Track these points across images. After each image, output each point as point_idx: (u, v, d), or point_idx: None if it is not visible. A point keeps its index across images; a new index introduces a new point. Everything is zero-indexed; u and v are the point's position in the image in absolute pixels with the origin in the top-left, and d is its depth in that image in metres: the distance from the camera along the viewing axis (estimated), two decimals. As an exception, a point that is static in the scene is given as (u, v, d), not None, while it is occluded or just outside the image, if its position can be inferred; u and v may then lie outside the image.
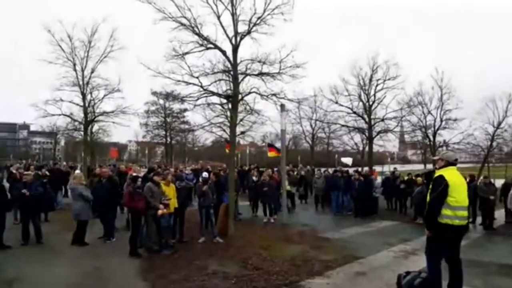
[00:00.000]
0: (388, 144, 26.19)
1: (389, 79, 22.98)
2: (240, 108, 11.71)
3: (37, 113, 18.61)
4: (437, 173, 5.26)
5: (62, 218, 11.71)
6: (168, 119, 37.54)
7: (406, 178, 15.76)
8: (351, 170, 18.73)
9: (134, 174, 9.67)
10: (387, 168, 32.41)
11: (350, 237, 10.37)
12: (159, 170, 11.02)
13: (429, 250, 5.32)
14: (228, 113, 11.72)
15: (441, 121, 24.43)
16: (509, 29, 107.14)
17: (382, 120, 23.43)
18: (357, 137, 27.46)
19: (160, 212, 8.12)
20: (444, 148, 25.18)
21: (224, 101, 11.49)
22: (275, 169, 16.79)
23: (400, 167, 25.22)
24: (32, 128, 70.76)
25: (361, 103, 23.94)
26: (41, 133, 64.62)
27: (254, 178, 14.23)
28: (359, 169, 25.54)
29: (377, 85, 23.53)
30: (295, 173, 18.93)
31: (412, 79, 23.69)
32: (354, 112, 24.08)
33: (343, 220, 13.43)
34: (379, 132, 23.58)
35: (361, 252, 8.37)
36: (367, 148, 25.36)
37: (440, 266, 5.24)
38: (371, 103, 23.51)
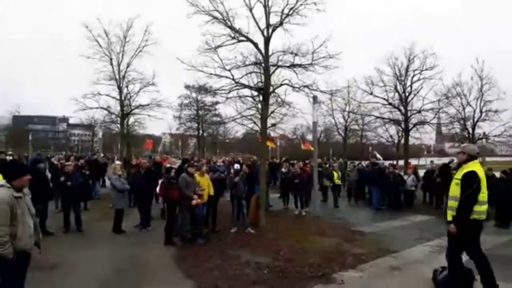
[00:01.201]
0: (425, 136, 25.14)
1: (426, 70, 22.03)
2: (271, 100, 11.69)
3: (76, 106, 19.37)
4: (466, 168, 5.05)
5: (100, 207, 12.27)
6: (201, 112, 37.95)
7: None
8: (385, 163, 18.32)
9: (168, 165, 9.90)
10: (424, 161, 31.44)
11: (384, 230, 10.15)
12: (193, 161, 11.25)
13: (454, 248, 5.13)
14: (259, 106, 11.70)
15: (481, 112, 23.18)
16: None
17: (419, 111, 22.56)
18: (392, 129, 26.57)
19: (194, 202, 8.29)
20: (484, 140, 24.05)
21: (255, 93, 11.49)
22: (307, 161, 16.67)
23: (437, 160, 24.36)
24: (71, 121, 74.07)
25: (397, 94, 23.14)
26: (80, 126, 67.43)
27: (284, 170, 14.18)
28: (394, 162, 24.92)
29: (413, 76, 22.64)
30: (327, 165, 18.68)
31: (450, 70, 22.44)
32: (390, 104, 23.34)
33: (377, 213, 13.17)
34: (415, 124, 22.74)
35: (395, 246, 8.19)
36: (402, 141, 24.59)
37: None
38: (407, 94, 22.68)
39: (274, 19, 10.10)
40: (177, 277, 6.18)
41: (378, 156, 24.70)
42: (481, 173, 4.96)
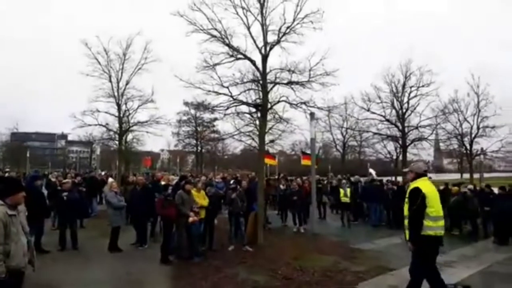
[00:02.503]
0: (423, 152, 25.31)
1: (422, 86, 22.40)
2: (269, 117, 11.76)
3: (75, 123, 19.42)
4: (412, 185, 5.18)
5: (97, 225, 12.14)
6: (199, 129, 38.19)
7: (442, 187, 15.18)
8: (384, 180, 18.26)
9: (164, 182, 9.86)
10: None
11: (383, 247, 10.07)
12: (191, 178, 11.21)
13: (420, 266, 5.10)
14: (257, 122, 11.77)
15: (478, 128, 23.44)
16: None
17: (416, 128, 22.80)
18: (390, 145, 26.76)
19: (190, 219, 8.22)
20: (482, 156, 24.10)
21: (253, 110, 11.55)
22: (304, 178, 16.63)
23: (435, 177, 24.39)
24: (70, 137, 73.88)
25: (394, 111, 23.44)
26: (78, 143, 67.25)
27: (282, 187, 14.13)
28: (392, 178, 24.88)
29: (410, 92, 23.00)
30: (325, 182, 18.63)
31: (447, 86, 22.78)
32: (387, 120, 23.58)
33: (376, 230, 13.07)
34: (413, 140, 22.93)
35: (394, 263, 8.10)
36: (400, 157, 24.67)
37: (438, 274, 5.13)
38: (404, 110, 22.96)
39: (271, 38, 10.28)
40: (173, 296, 6.09)
41: (372, 172, 24.57)
42: (427, 188, 5.03)
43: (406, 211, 5.13)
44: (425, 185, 5.06)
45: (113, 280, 6.84)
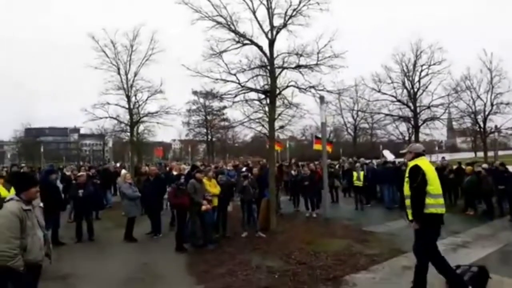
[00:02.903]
0: (436, 132, 24.94)
1: (434, 64, 21.93)
2: (278, 102, 11.67)
3: (86, 117, 19.65)
4: (410, 164, 5.16)
5: (112, 216, 12.37)
6: (209, 117, 38.29)
7: (455, 167, 14.99)
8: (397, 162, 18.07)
9: (176, 172, 9.93)
10: (435, 158, 31.01)
11: (396, 230, 9.99)
12: (202, 167, 11.27)
13: (420, 244, 5.06)
14: (267, 108, 11.70)
15: (492, 105, 22.93)
16: None
17: (428, 107, 22.39)
18: (403, 126, 26.37)
19: (203, 207, 8.30)
20: (496, 134, 23.64)
21: (262, 96, 11.47)
22: (316, 162, 16.57)
23: (449, 156, 24.08)
24: (82, 131, 74.88)
25: (405, 91, 23.05)
26: (90, 136, 68.13)
27: (293, 173, 14.09)
28: (404, 160, 24.56)
29: (421, 71, 22.54)
30: (337, 166, 18.53)
31: (458, 63, 22.22)
32: (399, 100, 23.21)
33: (390, 213, 13.01)
34: (425, 120, 22.55)
35: (407, 245, 7.95)
36: (413, 137, 24.37)
37: (439, 253, 5.10)
38: (416, 90, 22.54)
39: (277, 21, 10.11)
40: (189, 283, 6.18)
41: (386, 154, 24.23)
42: (427, 166, 5.02)
43: (407, 191, 5.10)
44: (423, 163, 5.06)
45: (130, 269, 6.96)
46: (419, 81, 22.56)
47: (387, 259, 7.11)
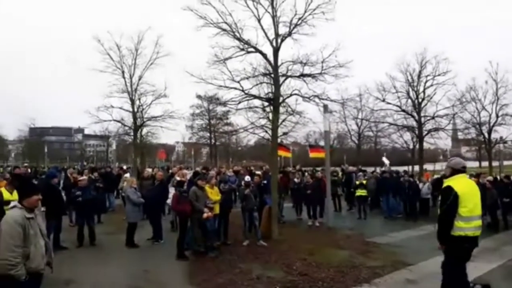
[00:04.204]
0: (440, 142, 24.86)
1: (439, 75, 21.82)
2: (282, 109, 11.65)
3: (91, 119, 19.72)
4: (445, 183, 4.92)
5: (114, 219, 12.38)
6: (212, 122, 38.30)
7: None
8: (399, 170, 18.00)
9: (179, 178, 9.91)
10: (439, 167, 30.86)
11: (400, 241, 9.96)
12: (203, 171, 11.24)
13: (448, 266, 4.91)
14: (270, 115, 11.68)
15: (497, 116, 22.81)
16: None
17: (433, 117, 22.28)
18: (407, 135, 26.29)
19: (205, 215, 8.26)
20: (501, 145, 23.49)
21: (266, 103, 11.46)
22: (318, 169, 16.48)
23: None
24: (86, 131, 75.17)
25: (409, 101, 22.94)
26: (95, 137, 68.29)
27: (297, 180, 14.03)
28: (408, 168, 24.48)
29: (426, 81, 22.44)
30: (340, 174, 18.39)
31: (463, 74, 22.13)
32: (403, 110, 23.11)
33: (393, 223, 12.94)
34: (429, 131, 22.45)
35: (411, 258, 7.99)
36: (417, 146, 24.25)
37: (466, 278, 4.94)
38: (420, 100, 22.42)
39: (282, 30, 10.14)
40: (189, 293, 6.14)
41: (386, 161, 24.13)
42: (462, 186, 4.76)
43: (439, 211, 4.91)
44: (459, 183, 4.79)
45: (131, 277, 6.92)
46: (424, 91, 22.47)
47: (390, 272, 7.04)
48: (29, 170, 21.00)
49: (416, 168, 24.81)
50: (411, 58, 22.77)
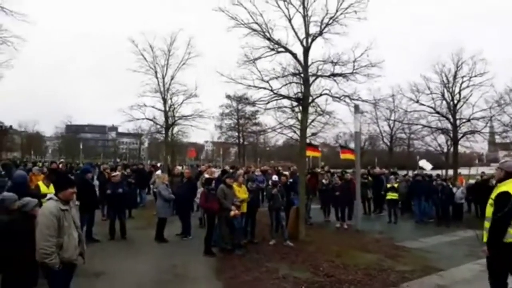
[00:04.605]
0: (476, 145, 23.79)
1: (475, 76, 20.92)
2: (311, 110, 11.58)
3: (124, 117, 20.40)
4: (500, 187, 4.61)
5: (144, 215, 12.70)
6: (241, 121, 38.55)
7: (494, 182, 14.22)
8: (432, 174, 17.44)
9: (207, 176, 10.04)
10: (475, 171, 29.64)
11: (431, 246, 9.66)
12: (231, 170, 11.32)
13: (492, 272, 4.65)
14: (299, 115, 11.61)
15: (539, 119, 21.59)
16: None
17: (469, 120, 21.40)
18: (441, 138, 25.35)
19: (232, 213, 8.33)
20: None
21: (295, 103, 11.40)
22: (348, 171, 16.21)
23: (489, 170, 22.86)
24: (120, 129, 77.61)
25: (444, 102, 22.15)
26: (128, 134, 70.42)
27: (324, 181, 13.88)
28: (441, 172, 23.67)
29: (462, 83, 21.57)
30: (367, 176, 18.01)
31: (502, 75, 21.09)
32: (437, 112, 22.33)
33: (424, 228, 12.57)
34: (465, 134, 21.58)
35: (442, 263, 7.76)
36: (452, 150, 23.38)
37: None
38: (455, 102, 21.60)
39: (313, 29, 10.05)
40: (216, 288, 6.20)
41: (423, 164, 23.25)
42: None
43: (489, 213, 4.67)
44: None
45: (160, 271, 7.09)
46: (459, 92, 21.62)
47: (420, 276, 6.87)
48: (61, 166, 21.87)
49: (450, 172, 23.92)
50: (446, 59, 22.01)
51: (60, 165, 18.35)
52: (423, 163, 24.63)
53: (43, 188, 8.07)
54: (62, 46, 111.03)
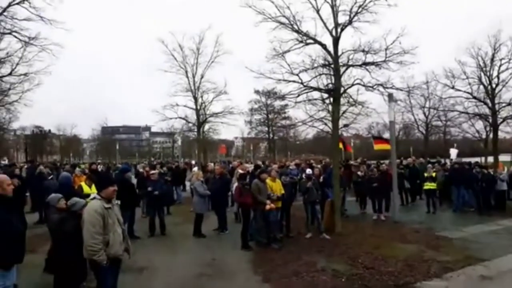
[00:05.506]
0: (517, 130, 22.57)
1: (515, 58, 19.83)
2: (343, 101, 11.37)
3: (157, 117, 20.98)
4: None
5: (182, 211, 13.04)
6: (270, 116, 38.53)
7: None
8: (471, 162, 16.78)
9: (241, 171, 10.15)
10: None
11: (473, 236, 9.33)
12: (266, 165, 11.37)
13: None
14: (330, 107, 11.46)
15: None
16: None
17: (509, 104, 20.32)
18: (479, 124, 24.25)
19: (267, 207, 8.39)
20: None
21: (325, 95, 11.27)
22: (382, 162, 15.87)
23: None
24: (153, 129, 79.61)
25: (482, 87, 21.12)
26: (161, 134, 72.07)
27: (360, 173, 13.64)
28: (480, 159, 22.73)
29: (500, 65, 20.46)
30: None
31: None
32: (475, 97, 21.33)
33: (464, 217, 12.14)
34: (505, 118, 20.52)
35: (486, 253, 7.48)
36: (491, 136, 22.34)
37: None
38: (494, 86, 20.55)
39: (342, 19, 9.88)
40: (256, 281, 6.32)
41: (451, 152, 22.35)
42: None
43: None
44: None
45: (200, 265, 7.27)
46: (498, 76, 20.50)
47: (463, 267, 6.69)
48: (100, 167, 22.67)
49: (490, 159, 22.89)
50: (482, 42, 20.96)
51: (99, 166, 19.10)
52: (452, 151, 23.73)
53: (85, 188, 8.48)
54: (95, 52, 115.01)
